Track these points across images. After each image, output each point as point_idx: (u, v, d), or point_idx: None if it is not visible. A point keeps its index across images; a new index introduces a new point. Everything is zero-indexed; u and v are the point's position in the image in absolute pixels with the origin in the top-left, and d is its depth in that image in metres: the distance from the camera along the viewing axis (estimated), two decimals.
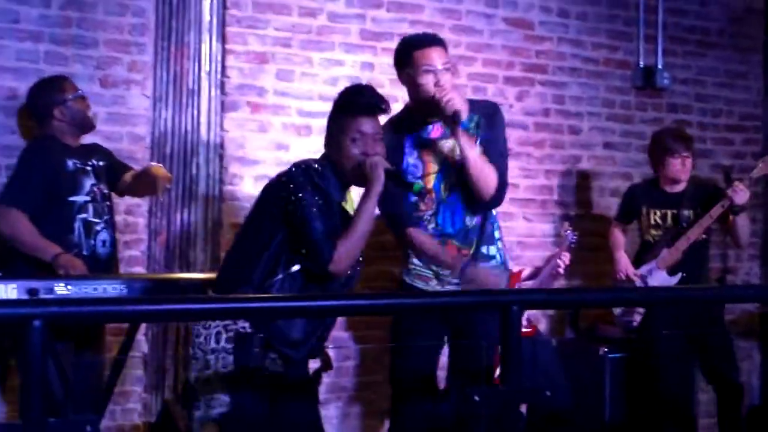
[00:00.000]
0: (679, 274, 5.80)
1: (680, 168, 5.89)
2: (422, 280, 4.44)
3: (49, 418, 2.75)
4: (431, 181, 4.43)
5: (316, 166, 4.02)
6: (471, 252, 4.48)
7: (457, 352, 4.53)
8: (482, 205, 4.51)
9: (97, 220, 4.87)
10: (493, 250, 4.56)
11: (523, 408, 4.64)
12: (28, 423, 2.69)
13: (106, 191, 5.00)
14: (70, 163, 4.85)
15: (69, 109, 4.95)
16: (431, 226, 4.45)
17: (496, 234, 4.59)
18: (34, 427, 2.69)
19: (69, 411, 4.29)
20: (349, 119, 4.04)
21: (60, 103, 4.93)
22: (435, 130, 4.48)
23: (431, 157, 4.44)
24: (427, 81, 4.38)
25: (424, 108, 4.44)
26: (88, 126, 5.05)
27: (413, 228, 4.44)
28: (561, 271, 5.51)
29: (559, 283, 5.90)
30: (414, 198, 4.40)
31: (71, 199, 4.81)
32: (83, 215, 4.83)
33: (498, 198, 4.51)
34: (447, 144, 4.45)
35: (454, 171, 4.45)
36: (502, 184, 4.48)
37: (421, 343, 4.38)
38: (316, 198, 3.94)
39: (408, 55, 4.43)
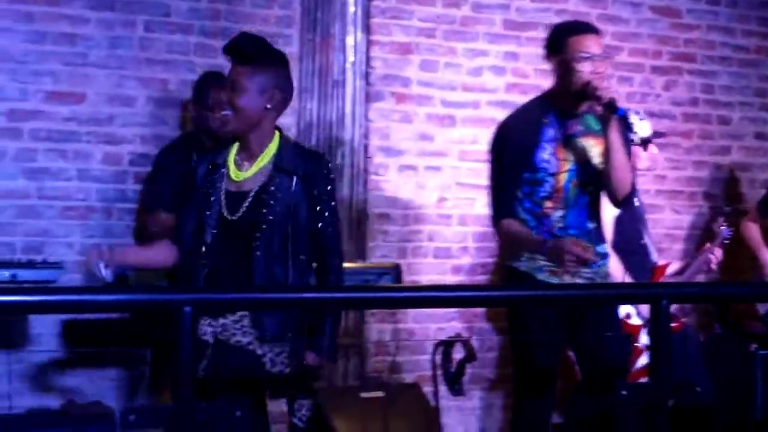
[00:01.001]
0: None
1: None
2: (556, 276, 4.33)
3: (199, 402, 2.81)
4: (562, 180, 4.32)
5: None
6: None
7: (584, 344, 4.44)
8: (615, 204, 4.45)
9: None
10: (606, 248, 4.49)
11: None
12: (179, 406, 2.74)
13: None
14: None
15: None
16: (559, 225, 4.34)
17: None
18: (184, 411, 2.73)
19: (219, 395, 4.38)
20: None
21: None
22: (571, 126, 4.39)
23: (566, 154, 4.33)
24: (584, 68, 4.26)
25: (573, 96, 4.33)
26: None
27: (507, 220, 4.32)
28: (713, 266, 5.38)
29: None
30: (544, 193, 4.32)
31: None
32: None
33: (628, 199, 4.45)
34: (583, 142, 4.37)
35: (585, 171, 4.35)
36: None
37: (551, 335, 4.30)
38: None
39: (563, 41, 4.32)
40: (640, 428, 3.39)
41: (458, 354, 5.50)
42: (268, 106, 3.78)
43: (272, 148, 3.82)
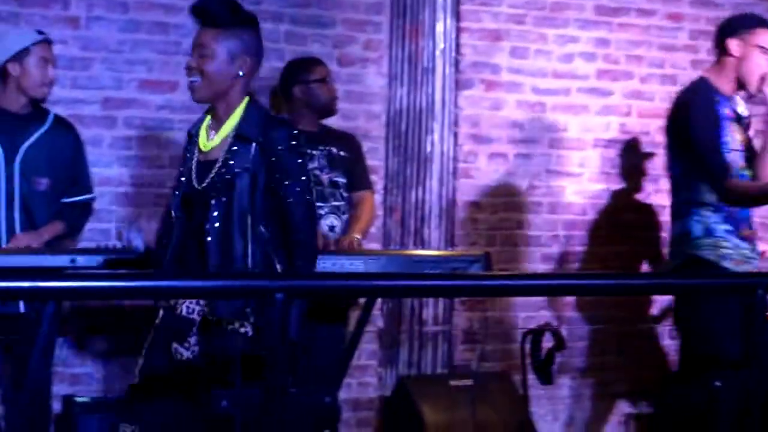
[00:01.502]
0: None
1: None
2: (735, 263, 4.39)
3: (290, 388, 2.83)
4: (735, 160, 4.44)
5: None
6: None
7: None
8: None
9: (319, 204, 4.93)
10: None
11: None
12: (271, 391, 2.76)
13: (337, 179, 5.02)
14: None
15: (310, 90, 5.02)
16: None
17: None
18: (276, 395, 2.75)
19: (309, 382, 4.42)
20: None
21: (301, 83, 5.02)
22: (733, 109, 4.51)
23: (736, 135, 4.46)
24: (763, 61, 4.45)
25: (735, 82, 4.49)
26: (325, 112, 5.09)
27: (732, 180, 4.38)
28: None
29: None
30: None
31: None
32: None
33: None
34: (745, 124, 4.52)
35: (747, 154, 4.48)
36: None
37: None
38: None
39: (751, 30, 4.48)
40: (735, 419, 3.35)
41: (547, 343, 5.47)
42: (240, 73, 3.62)
43: (236, 114, 3.62)
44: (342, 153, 5.05)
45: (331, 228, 4.94)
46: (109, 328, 5.15)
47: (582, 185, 5.96)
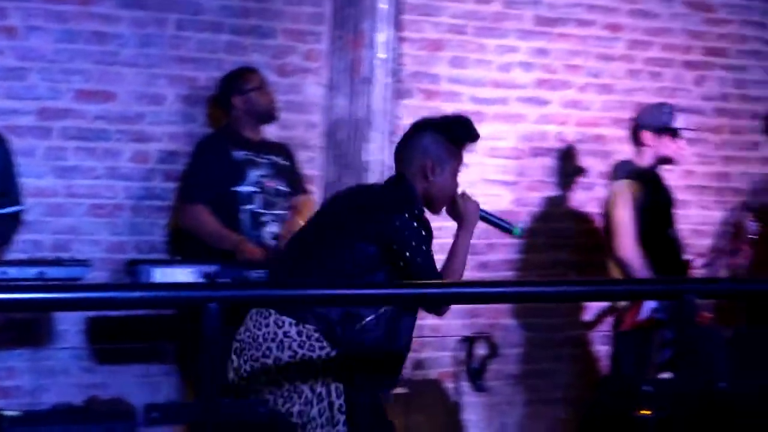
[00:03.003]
0: None
1: None
2: None
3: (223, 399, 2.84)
4: None
5: (416, 202, 3.88)
6: None
7: None
8: None
9: (264, 212, 4.96)
10: None
11: None
12: (203, 403, 2.77)
13: (282, 188, 5.06)
14: (238, 153, 4.97)
15: (249, 99, 5.06)
16: None
17: None
18: (209, 407, 2.76)
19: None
20: (459, 150, 4.03)
21: (240, 93, 5.05)
22: None
23: None
24: None
25: None
26: (267, 118, 5.14)
27: None
28: (738, 262, 5.37)
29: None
30: None
31: (234, 189, 4.93)
32: (249, 206, 4.93)
33: None
34: None
35: None
36: None
37: None
38: (423, 234, 3.83)
39: None
40: (664, 423, 3.41)
41: (481, 350, 5.50)
42: None
43: None
44: (283, 162, 5.11)
45: (274, 236, 4.96)
46: (40, 341, 5.14)
47: (519, 194, 6.01)
